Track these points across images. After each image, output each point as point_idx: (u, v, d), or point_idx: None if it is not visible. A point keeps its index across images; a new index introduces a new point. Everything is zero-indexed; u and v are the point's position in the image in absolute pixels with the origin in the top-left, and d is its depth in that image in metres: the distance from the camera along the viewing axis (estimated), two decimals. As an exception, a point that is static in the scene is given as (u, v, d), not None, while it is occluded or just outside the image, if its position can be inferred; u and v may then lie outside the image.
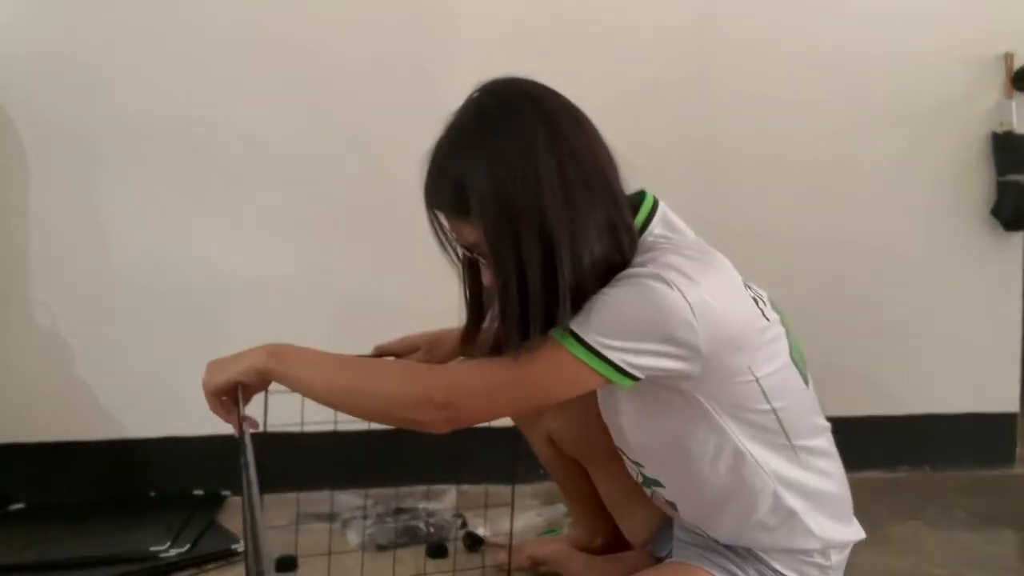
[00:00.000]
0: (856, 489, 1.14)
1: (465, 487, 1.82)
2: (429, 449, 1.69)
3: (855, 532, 1.10)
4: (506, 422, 1.28)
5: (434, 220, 1.00)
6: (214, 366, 1.01)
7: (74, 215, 1.83)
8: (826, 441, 1.09)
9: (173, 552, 1.45)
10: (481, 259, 0.99)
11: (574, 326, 0.89)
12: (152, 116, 1.83)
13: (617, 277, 0.92)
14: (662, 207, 1.03)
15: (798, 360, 1.04)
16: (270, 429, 1.27)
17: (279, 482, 1.56)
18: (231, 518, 1.63)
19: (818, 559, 1.07)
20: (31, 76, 1.79)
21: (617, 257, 0.94)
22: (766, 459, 1.01)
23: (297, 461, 1.72)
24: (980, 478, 2.04)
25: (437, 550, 1.52)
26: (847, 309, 2.05)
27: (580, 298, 0.90)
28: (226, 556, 1.47)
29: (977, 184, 2.10)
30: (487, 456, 1.46)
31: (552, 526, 1.65)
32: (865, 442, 2.00)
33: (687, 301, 0.87)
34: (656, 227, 1.00)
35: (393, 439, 1.49)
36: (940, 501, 1.85)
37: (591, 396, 1.17)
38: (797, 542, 1.05)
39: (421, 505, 1.69)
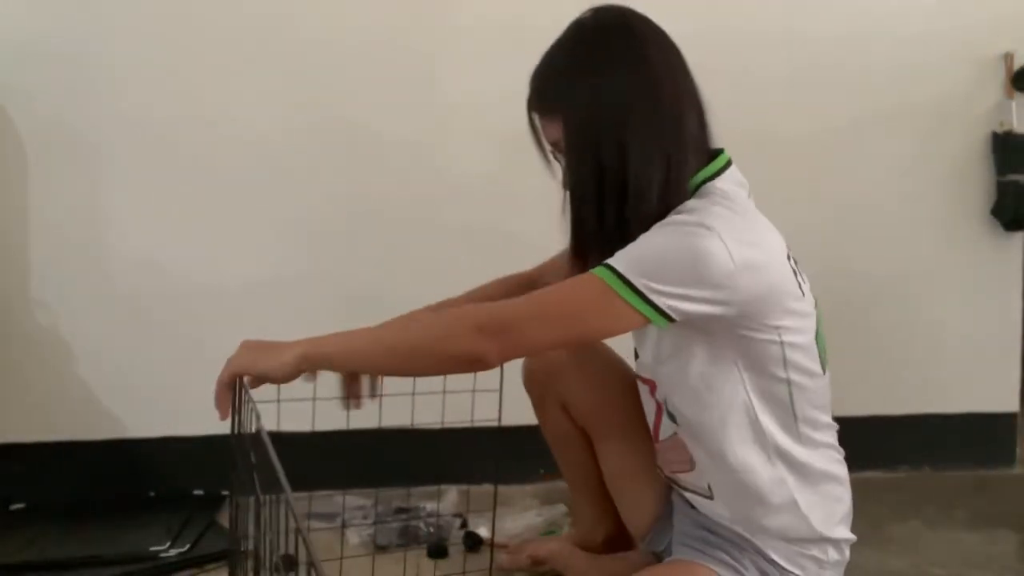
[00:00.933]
0: (856, 489, 1.14)
1: (465, 487, 1.82)
2: (429, 449, 1.70)
3: (848, 534, 1.11)
4: (494, 422, 1.28)
5: (531, 123, 1.09)
6: (253, 351, 1.02)
7: (74, 215, 1.83)
8: (831, 438, 1.11)
9: (173, 552, 1.45)
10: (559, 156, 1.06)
11: (623, 267, 0.94)
12: (153, 116, 1.83)
13: (667, 220, 0.97)
14: (735, 169, 1.07)
15: (821, 348, 1.07)
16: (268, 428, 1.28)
17: (278, 482, 1.55)
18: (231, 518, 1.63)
19: (815, 552, 1.07)
20: (31, 75, 1.79)
21: (670, 186, 1.00)
22: (772, 430, 1.04)
23: (297, 461, 1.72)
24: (980, 478, 2.04)
25: (437, 550, 1.52)
26: (847, 309, 2.05)
27: (638, 215, 0.98)
28: (226, 556, 1.47)
29: (977, 184, 2.09)
30: (487, 456, 1.46)
31: (552, 527, 1.65)
32: (865, 442, 2.00)
33: (729, 252, 0.93)
34: (724, 182, 1.04)
35: (393, 439, 1.49)
36: (940, 501, 1.85)
37: (609, 366, 1.25)
38: (794, 529, 1.06)
39: (421, 505, 1.69)
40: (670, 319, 0.95)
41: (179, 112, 1.84)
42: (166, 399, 1.81)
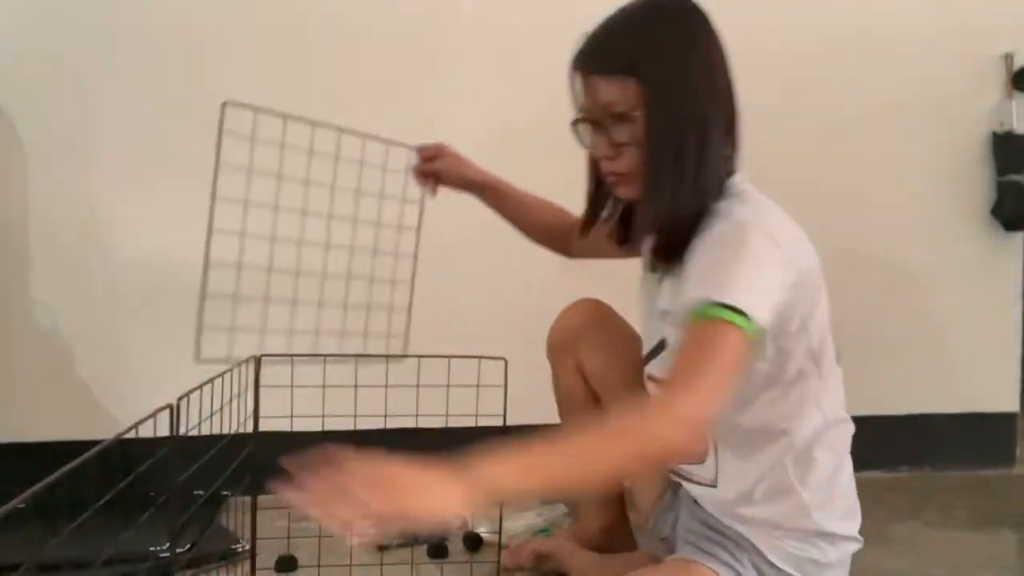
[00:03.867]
0: (856, 489, 1.14)
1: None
2: (432, 449, 1.69)
3: (856, 533, 1.11)
4: (498, 420, 1.28)
5: (572, 83, 1.07)
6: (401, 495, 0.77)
7: (74, 215, 1.83)
8: (847, 434, 1.14)
9: (173, 552, 1.45)
10: (610, 122, 1.04)
11: (733, 301, 0.90)
12: (153, 116, 1.83)
13: (725, 230, 0.98)
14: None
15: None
16: (262, 428, 1.28)
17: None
18: (231, 518, 1.63)
19: (814, 553, 1.07)
20: (31, 76, 1.79)
21: (723, 175, 1.04)
22: (789, 419, 1.07)
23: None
24: (980, 478, 2.04)
25: (437, 550, 1.52)
26: (847, 309, 2.05)
27: (696, 198, 1.00)
28: (226, 556, 1.47)
29: (977, 184, 2.10)
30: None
31: (548, 525, 1.65)
32: (865, 442, 2.00)
33: (784, 249, 0.98)
34: (744, 182, 1.08)
35: (393, 439, 1.49)
36: (940, 501, 1.85)
37: (624, 333, 1.30)
38: (796, 521, 1.07)
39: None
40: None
41: (180, 112, 1.84)
42: (166, 399, 1.80)
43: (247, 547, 1.40)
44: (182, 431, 0.99)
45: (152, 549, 1.44)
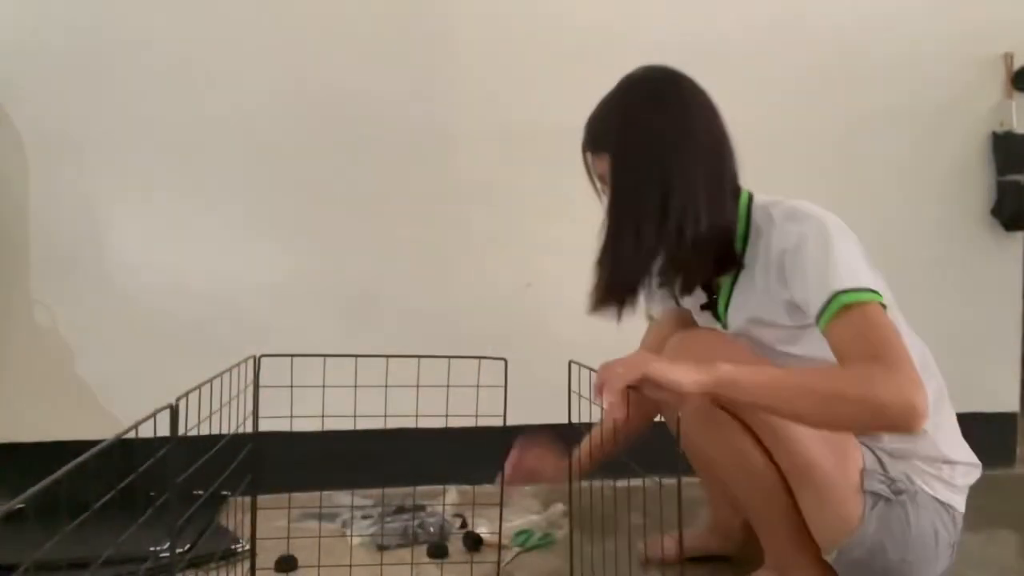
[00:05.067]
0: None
1: (464, 487, 1.82)
2: (430, 449, 1.70)
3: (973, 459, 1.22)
4: (498, 420, 1.28)
5: (585, 162, 1.20)
6: (660, 362, 1.00)
7: (74, 215, 1.83)
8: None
9: (173, 552, 1.44)
10: (605, 191, 1.17)
11: (853, 283, 1.02)
12: (153, 116, 1.83)
13: (800, 220, 1.10)
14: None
15: None
16: (262, 428, 1.28)
17: (279, 483, 1.56)
18: (231, 518, 1.63)
19: (945, 471, 1.17)
20: (31, 75, 1.79)
21: (723, 222, 1.14)
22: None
23: (297, 461, 1.72)
24: (980, 478, 2.03)
25: (437, 550, 1.52)
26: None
27: (687, 237, 1.09)
28: (226, 556, 1.47)
29: (977, 184, 2.10)
30: (490, 456, 1.46)
31: (552, 527, 1.65)
32: (865, 442, 2.00)
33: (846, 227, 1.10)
34: (761, 201, 1.20)
35: (393, 439, 1.49)
36: (940, 501, 1.84)
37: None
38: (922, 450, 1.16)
39: (422, 504, 1.69)
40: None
41: (180, 112, 1.84)
42: (166, 399, 1.80)
43: (247, 547, 1.40)
44: (182, 431, 0.98)
45: (152, 549, 1.44)
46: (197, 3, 1.84)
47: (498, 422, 1.28)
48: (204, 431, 1.09)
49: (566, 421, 1.17)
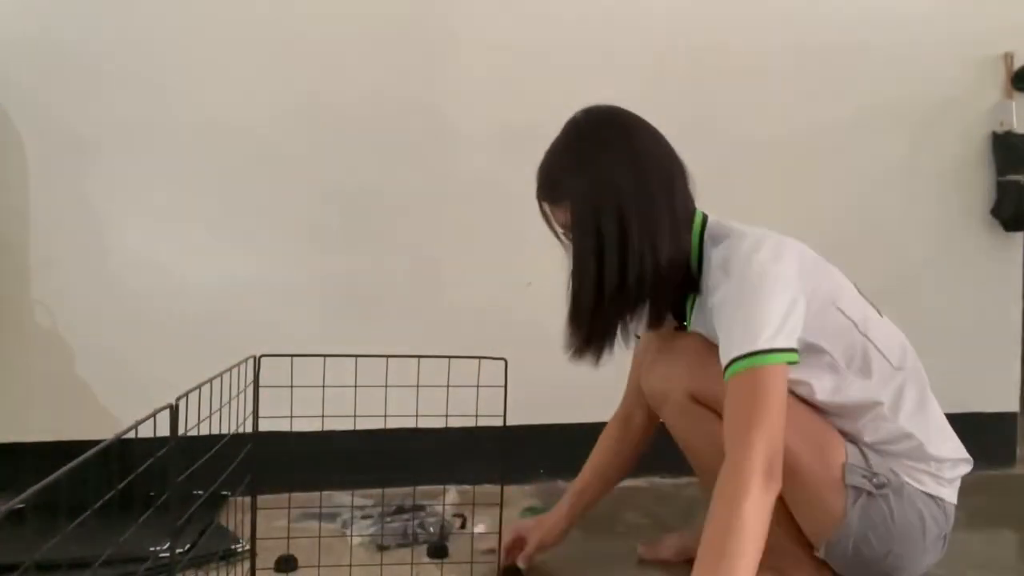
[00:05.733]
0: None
1: (464, 486, 1.81)
2: (430, 449, 1.70)
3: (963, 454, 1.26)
4: (498, 420, 1.28)
5: (542, 210, 1.22)
6: None
7: (74, 215, 1.83)
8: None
9: (173, 552, 1.44)
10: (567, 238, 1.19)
11: (761, 344, 1.04)
12: (152, 116, 1.83)
13: (727, 273, 1.11)
14: (710, 216, 1.23)
15: None
16: (262, 428, 1.28)
17: (278, 482, 1.56)
18: (231, 518, 1.63)
19: (932, 466, 1.21)
20: (31, 75, 1.79)
21: (680, 254, 1.16)
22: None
23: (296, 461, 1.72)
24: (980, 478, 2.03)
25: (437, 550, 1.52)
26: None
27: (647, 273, 1.12)
28: (226, 556, 1.47)
29: (977, 184, 2.10)
30: (489, 455, 1.46)
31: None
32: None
33: (789, 269, 1.10)
34: (712, 227, 1.20)
35: (393, 439, 1.49)
36: (940, 501, 1.84)
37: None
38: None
39: (422, 504, 1.69)
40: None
41: (179, 112, 1.84)
42: (166, 399, 1.80)
43: (247, 547, 1.40)
44: (182, 431, 0.98)
45: (152, 549, 1.43)
46: (197, 3, 1.84)
47: (498, 422, 1.28)
48: (204, 431, 1.09)
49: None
